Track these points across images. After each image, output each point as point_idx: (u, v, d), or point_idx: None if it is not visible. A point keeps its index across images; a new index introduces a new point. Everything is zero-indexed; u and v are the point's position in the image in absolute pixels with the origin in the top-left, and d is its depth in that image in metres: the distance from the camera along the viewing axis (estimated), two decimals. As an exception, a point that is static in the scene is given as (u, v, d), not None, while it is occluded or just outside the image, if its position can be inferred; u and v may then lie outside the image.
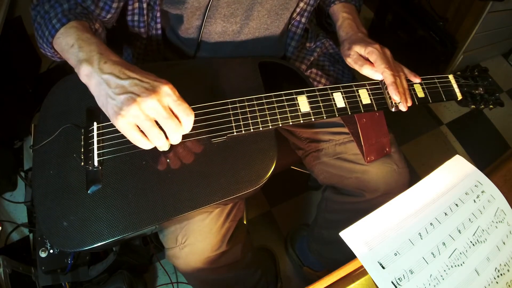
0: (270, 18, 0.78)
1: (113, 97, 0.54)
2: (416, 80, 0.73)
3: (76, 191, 0.61)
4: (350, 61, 0.74)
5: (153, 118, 0.55)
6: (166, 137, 0.57)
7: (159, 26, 0.75)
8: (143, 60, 0.83)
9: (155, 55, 0.82)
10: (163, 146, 0.58)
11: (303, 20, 0.83)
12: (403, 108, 0.69)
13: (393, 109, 0.70)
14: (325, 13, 0.89)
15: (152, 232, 0.75)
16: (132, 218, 0.60)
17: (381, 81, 0.71)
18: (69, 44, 0.59)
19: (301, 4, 0.80)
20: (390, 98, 0.69)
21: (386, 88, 0.69)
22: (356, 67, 0.73)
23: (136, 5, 0.71)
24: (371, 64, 0.71)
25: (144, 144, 0.57)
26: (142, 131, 0.56)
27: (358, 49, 0.73)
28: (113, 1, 0.67)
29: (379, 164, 0.80)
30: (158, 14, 0.73)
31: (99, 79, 0.56)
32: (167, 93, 0.55)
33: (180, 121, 0.57)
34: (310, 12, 0.83)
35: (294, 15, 0.82)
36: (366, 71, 0.72)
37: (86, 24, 0.63)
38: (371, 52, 0.70)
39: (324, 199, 0.97)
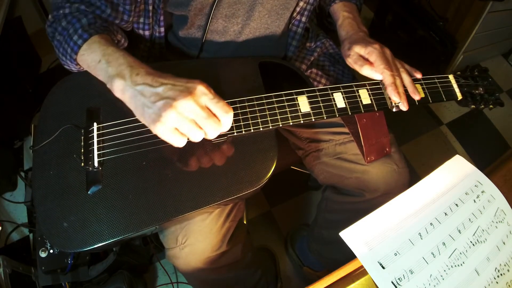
0: (270, 18, 0.78)
1: (150, 106, 0.54)
2: (417, 75, 0.73)
3: (76, 192, 0.61)
4: (350, 61, 0.74)
5: (192, 119, 0.55)
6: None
7: (162, 29, 0.76)
8: (146, 63, 0.83)
9: (157, 58, 0.82)
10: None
11: (304, 19, 0.83)
12: (403, 108, 0.69)
13: (393, 109, 0.70)
14: (325, 12, 0.89)
15: (152, 232, 0.75)
16: (133, 219, 0.60)
17: (381, 81, 0.71)
18: (96, 61, 0.59)
19: (301, 3, 0.80)
20: (390, 98, 0.69)
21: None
22: (356, 67, 0.73)
23: (142, 7, 0.71)
24: (371, 64, 0.71)
25: (183, 143, 0.57)
26: (181, 133, 0.56)
27: (358, 49, 0.73)
28: (130, 3, 0.67)
29: (379, 164, 0.80)
30: (162, 18, 0.73)
31: (133, 91, 0.56)
32: (203, 92, 0.55)
33: (218, 119, 0.57)
34: (310, 11, 0.83)
35: (295, 14, 0.82)
36: (365, 71, 0.71)
37: (108, 37, 0.63)
38: (371, 52, 0.70)
39: (324, 199, 0.97)
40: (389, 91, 0.68)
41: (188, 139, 0.57)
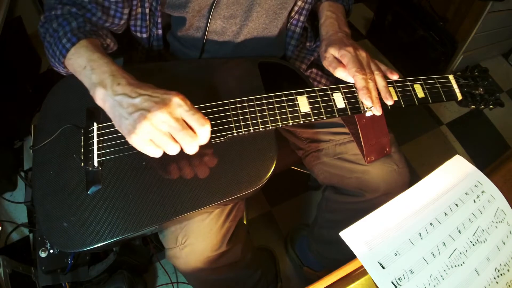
0: (268, 18, 0.78)
1: (126, 117, 0.55)
2: (393, 77, 0.71)
3: (76, 192, 0.61)
4: (325, 63, 0.74)
5: (166, 132, 0.55)
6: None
7: (160, 32, 0.76)
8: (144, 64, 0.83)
9: (156, 60, 0.82)
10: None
11: (302, 18, 0.83)
12: (376, 112, 0.68)
13: (366, 114, 0.69)
14: (314, 12, 0.89)
15: (152, 232, 0.75)
16: (132, 219, 0.60)
17: (354, 84, 0.70)
18: (81, 66, 0.59)
19: (299, 3, 0.80)
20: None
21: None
22: (330, 69, 0.72)
23: (139, 10, 0.71)
24: (344, 66, 0.70)
25: (159, 155, 0.57)
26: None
27: (333, 51, 0.72)
28: (123, 7, 0.67)
29: (379, 164, 0.80)
30: (159, 20, 0.73)
31: (112, 101, 0.56)
32: (178, 104, 0.55)
33: (195, 132, 0.56)
34: (308, 10, 0.82)
35: (292, 13, 0.81)
36: (339, 73, 0.71)
37: (97, 42, 0.63)
38: (344, 55, 0.69)
39: (324, 199, 0.97)
40: (361, 94, 0.67)
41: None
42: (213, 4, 0.70)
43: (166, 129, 0.55)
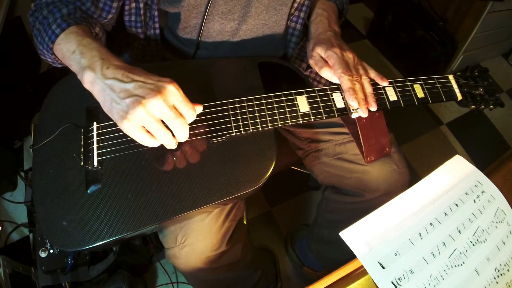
0: (268, 14, 0.77)
1: (118, 102, 0.55)
2: (383, 83, 0.71)
3: (76, 191, 0.61)
4: (311, 62, 0.74)
5: (159, 118, 0.55)
6: (173, 135, 0.57)
7: (157, 25, 0.75)
8: (141, 61, 0.83)
9: (153, 55, 0.82)
10: (171, 145, 0.58)
11: (302, 15, 0.82)
12: (363, 114, 0.67)
13: (352, 116, 0.68)
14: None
15: (152, 231, 0.75)
16: (132, 218, 0.60)
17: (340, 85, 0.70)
18: (70, 51, 0.59)
19: None
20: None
21: None
22: (316, 68, 0.72)
23: (133, 5, 0.71)
24: (331, 67, 0.70)
25: (151, 143, 0.57)
26: (148, 131, 0.56)
27: (320, 50, 0.71)
28: (113, 0, 0.67)
29: (379, 164, 0.80)
30: (156, 14, 0.73)
31: (102, 85, 0.56)
32: (173, 93, 0.56)
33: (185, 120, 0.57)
34: (308, 7, 0.82)
35: (292, 10, 0.81)
36: (324, 73, 0.70)
37: (87, 28, 0.63)
38: (330, 56, 0.69)
39: (324, 199, 0.97)
40: (347, 96, 0.66)
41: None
42: (209, 0, 0.70)
43: (159, 115, 0.55)
